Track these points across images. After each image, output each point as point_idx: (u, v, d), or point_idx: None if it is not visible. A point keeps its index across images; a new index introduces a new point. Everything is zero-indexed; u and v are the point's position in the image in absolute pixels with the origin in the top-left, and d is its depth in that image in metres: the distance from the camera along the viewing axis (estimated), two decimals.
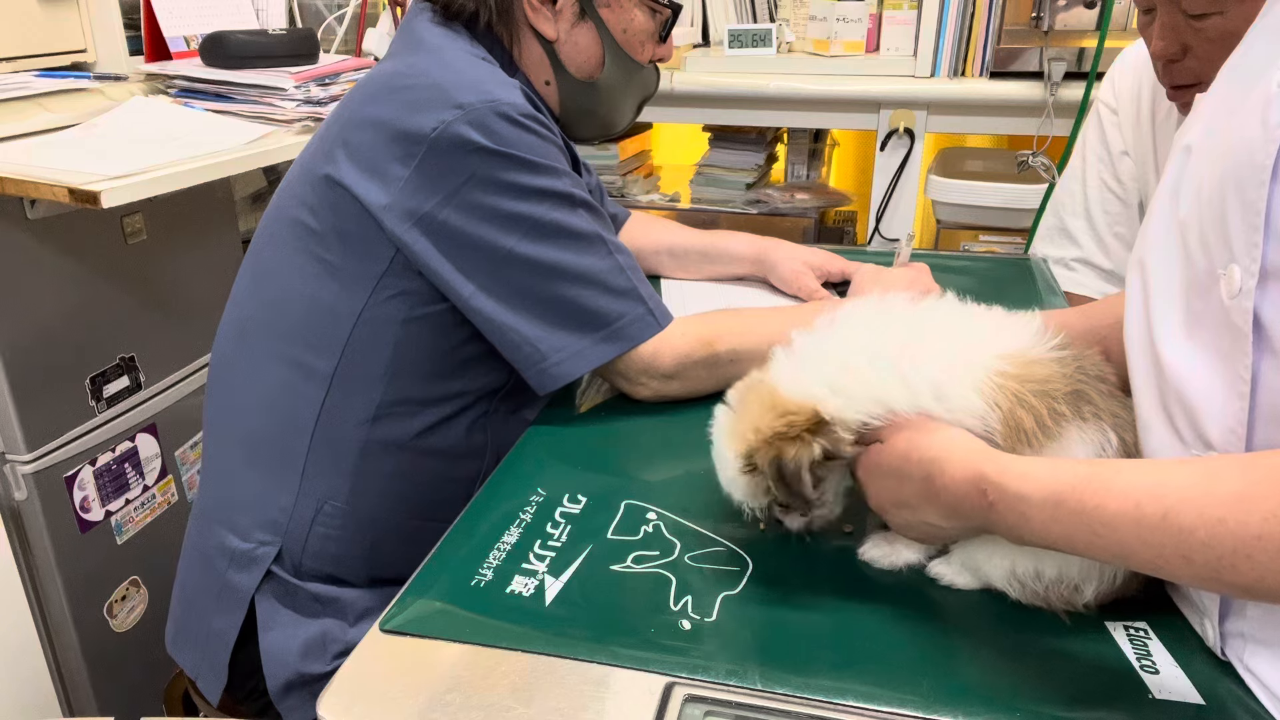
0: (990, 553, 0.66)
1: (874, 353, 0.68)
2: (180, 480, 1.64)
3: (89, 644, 1.46)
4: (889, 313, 0.72)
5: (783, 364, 0.72)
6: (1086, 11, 1.75)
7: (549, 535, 0.76)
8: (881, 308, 0.73)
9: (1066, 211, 1.37)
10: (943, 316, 0.72)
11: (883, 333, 0.70)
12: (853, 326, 0.72)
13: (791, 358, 0.72)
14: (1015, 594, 0.66)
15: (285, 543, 0.97)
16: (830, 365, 0.69)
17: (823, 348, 0.71)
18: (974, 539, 0.67)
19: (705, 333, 0.96)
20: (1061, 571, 0.64)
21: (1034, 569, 0.65)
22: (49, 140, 1.34)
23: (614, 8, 1.02)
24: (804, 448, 0.67)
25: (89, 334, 1.43)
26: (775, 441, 0.67)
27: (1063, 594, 0.65)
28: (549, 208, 0.90)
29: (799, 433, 0.67)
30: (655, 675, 0.61)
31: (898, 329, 0.70)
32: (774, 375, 0.71)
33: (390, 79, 0.94)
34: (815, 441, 0.67)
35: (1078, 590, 0.64)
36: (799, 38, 2.04)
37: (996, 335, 0.69)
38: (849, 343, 0.70)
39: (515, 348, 0.92)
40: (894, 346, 0.68)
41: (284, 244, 0.98)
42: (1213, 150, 0.59)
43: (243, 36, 1.57)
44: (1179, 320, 0.62)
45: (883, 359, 0.68)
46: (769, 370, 0.72)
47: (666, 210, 2.21)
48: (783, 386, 0.69)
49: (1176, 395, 0.61)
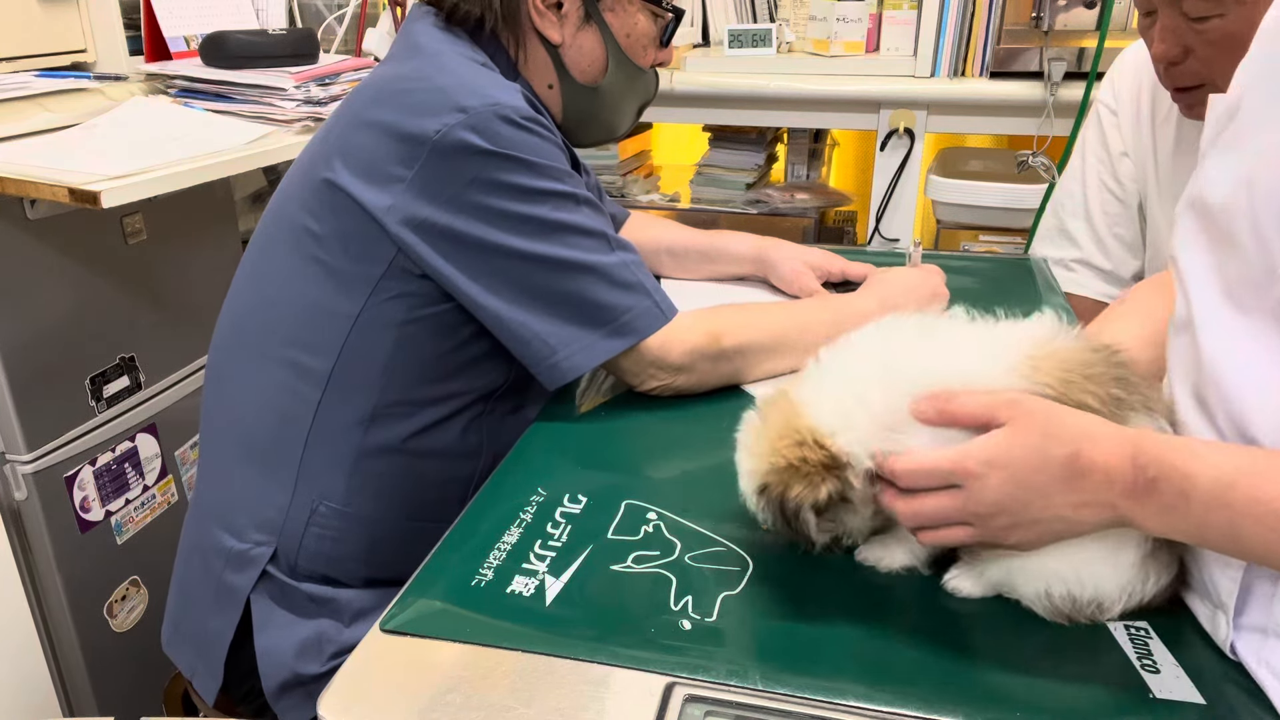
0: (1026, 574, 0.64)
1: (888, 376, 0.66)
2: (180, 480, 1.64)
3: (89, 644, 1.46)
4: (900, 329, 0.70)
5: (808, 381, 0.69)
6: (1086, 11, 1.75)
7: (549, 535, 0.76)
8: (893, 326, 0.70)
9: (1066, 212, 1.37)
10: (954, 325, 0.70)
11: (896, 350, 0.68)
12: (868, 347, 0.69)
13: (817, 374, 0.69)
14: (1040, 610, 0.65)
15: (281, 543, 0.97)
16: (845, 392, 0.66)
17: (844, 369, 0.69)
18: (1012, 557, 0.64)
19: (712, 326, 0.97)
20: (1098, 592, 0.63)
21: (1069, 592, 0.63)
22: (49, 140, 1.34)
23: (618, 12, 1.02)
24: (809, 490, 0.64)
25: (89, 334, 1.43)
26: (785, 474, 0.65)
27: (1089, 613, 0.64)
28: (552, 207, 0.91)
29: (810, 470, 0.64)
30: (656, 675, 0.61)
31: (911, 342, 0.68)
32: (798, 393, 0.69)
33: (391, 82, 0.94)
34: (824, 485, 0.64)
35: (1104, 609, 0.63)
36: (799, 38, 2.04)
37: (1015, 331, 0.67)
38: (863, 366, 0.68)
39: (524, 344, 0.92)
40: (907, 360, 0.66)
41: (283, 246, 0.98)
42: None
43: (243, 36, 1.57)
44: (1224, 313, 0.60)
45: (898, 378, 0.65)
46: (797, 383, 0.70)
47: (666, 210, 2.21)
48: (803, 408, 0.67)
49: (1215, 386, 0.60)
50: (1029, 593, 0.65)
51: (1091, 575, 0.62)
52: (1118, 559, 0.62)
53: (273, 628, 0.97)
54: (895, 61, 1.89)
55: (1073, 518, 0.60)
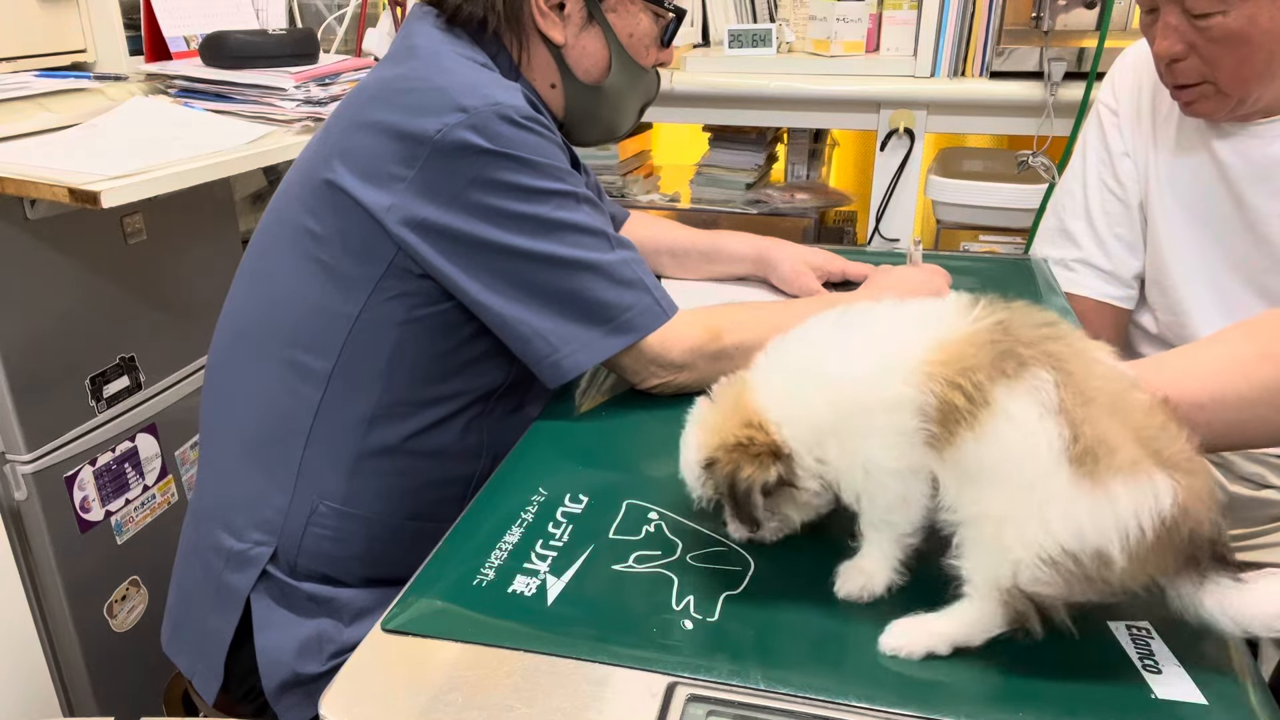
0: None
1: (812, 372, 0.67)
2: (180, 480, 1.64)
3: (89, 644, 1.46)
4: (839, 323, 0.70)
5: (761, 367, 0.71)
6: (1086, 11, 1.75)
7: (551, 535, 0.76)
8: (839, 319, 0.70)
9: (1066, 213, 1.37)
10: (873, 320, 0.69)
11: (824, 348, 0.68)
12: (806, 340, 0.70)
13: (769, 362, 0.71)
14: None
15: (280, 543, 0.97)
16: (785, 384, 0.68)
17: (784, 360, 0.70)
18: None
19: (713, 324, 0.97)
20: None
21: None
22: (49, 140, 1.34)
23: (620, 12, 1.03)
24: (760, 471, 0.66)
25: (89, 334, 1.43)
26: (735, 453, 0.66)
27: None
28: (553, 206, 0.91)
29: (759, 452, 0.66)
30: (658, 675, 0.61)
31: (836, 338, 0.69)
32: (752, 377, 0.70)
33: (391, 82, 0.94)
34: (774, 468, 0.66)
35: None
36: (799, 38, 2.04)
37: (924, 327, 0.66)
38: (799, 360, 0.69)
39: (525, 341, 0.92)
40: (820, 363, 0.67)
41: (283, 247, 0.98)
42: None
43: (243, 36, 1.57)
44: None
45: (816, 379, 0.66)
46: (752, 368, 0.71)
47: (666, 210, 2.21)
48: (754, 392, 0.69)
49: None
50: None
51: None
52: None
53: (273, 627, 0.97)
54: (895, 61, 1.89)
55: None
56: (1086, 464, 0.57)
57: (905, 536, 0.67)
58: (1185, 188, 1.23)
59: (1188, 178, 1.23)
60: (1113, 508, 0.57)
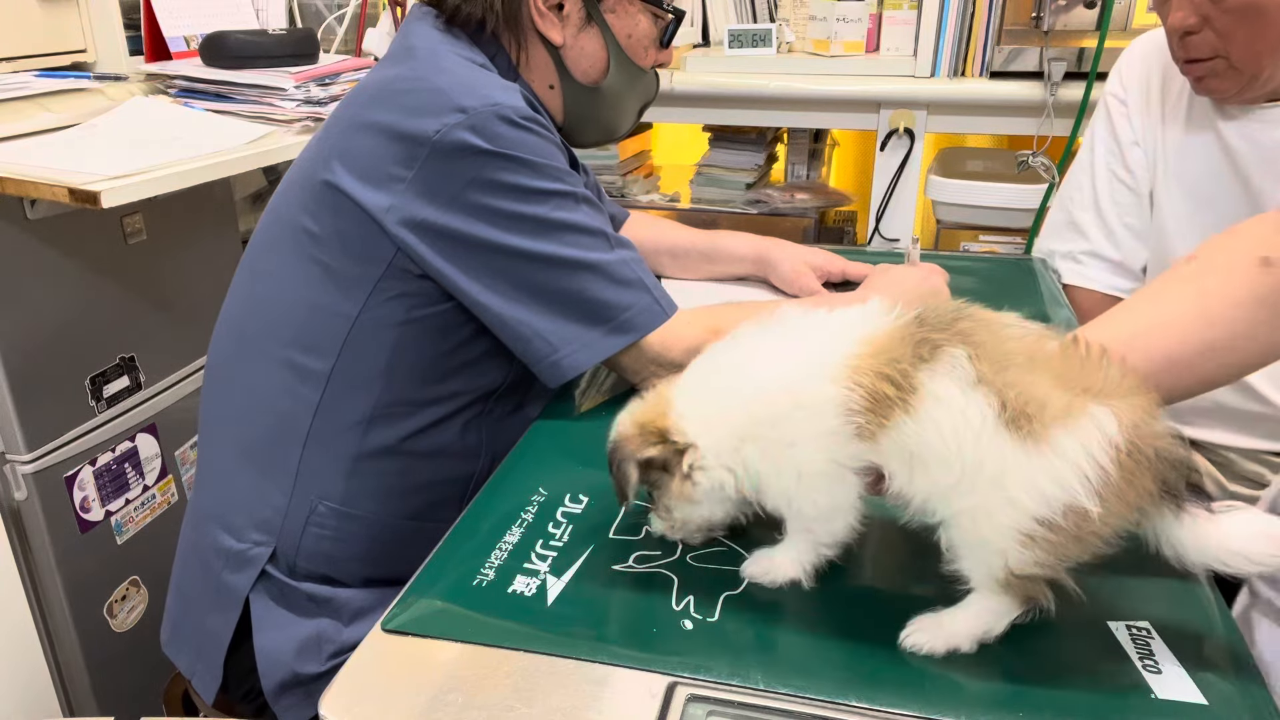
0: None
1: (734, 375, 0.69)
2: (180, 480, 1.64)
3: (89, 644, 1.46)
4: (766, 327, 0.71)
5: (691, 367, 0.73)
6: (1086, 11, 1.75)
7: (551, 535, 0.76)
8: (767, 322, 0.71)
9: (1074, 205, 1.36)
10: (798, 325, 0.70)
11: (750, 352, 0.70)
12: (734, 344, 0.71)
13: (698, 363, 0.72)
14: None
15: (279, 543, 0.97)
16: (702, 382, 0.70)
17: (712, 361, 0.72)
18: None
19: (712, 323, 0.97)
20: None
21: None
22: (49, 140, 1.34)
23: (619, 13, 1.02)
24: (641, 446, 0.68)
25: (89, 334, 1.43)
26: (633, 431, 0.69)
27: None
28: (552, 206, 0.91)
29: (650, 432, 0.69)
30: (658, 675, 0.61)
31: (762, 343, 0.70)
32: (681, 376, 0.72)
33: (389, 83, 0.94)
34: (653, 448, 0.68)
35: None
36: (799, 38, 2.04)
37: (848, 328, 0.66)
38: (719, 375, 0.71)
39: (525, 342, 0.92)
40: (743, 366, 0.69)
41: (282, 247, 0.98)
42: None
43: (243, 36, 1.57)
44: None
45: (736, 382, 0.68)
46: (685, 371, 0.73)
47: (666, 210, 2.21)
48: (673, 387, 0.71)
49: None
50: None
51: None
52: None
53: (272, 627, 0.97)
54: (895, 61, 1.89)
55: None
56: (1023, 425, 0.58)
57: (822, 546, 0.69)
58: (1192, 172, 1.22)
59: (1195, 162, 1.22)
60: (1064, 458, 0.57)
